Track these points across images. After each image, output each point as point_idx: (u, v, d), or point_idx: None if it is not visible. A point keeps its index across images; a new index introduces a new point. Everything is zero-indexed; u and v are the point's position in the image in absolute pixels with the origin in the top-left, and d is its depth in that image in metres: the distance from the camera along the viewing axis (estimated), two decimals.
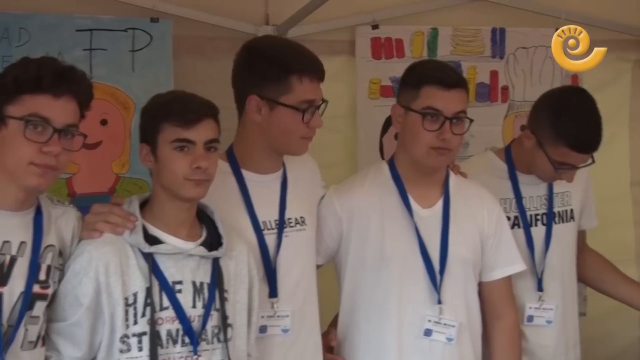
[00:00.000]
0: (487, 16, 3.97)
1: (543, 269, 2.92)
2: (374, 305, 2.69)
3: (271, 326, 2.52)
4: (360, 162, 3.76)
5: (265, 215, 2.55)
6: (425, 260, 2.67)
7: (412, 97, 2.64)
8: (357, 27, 3.88)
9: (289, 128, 2.47)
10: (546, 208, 2.97)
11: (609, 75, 4.16)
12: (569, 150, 2.80)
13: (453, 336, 2.66)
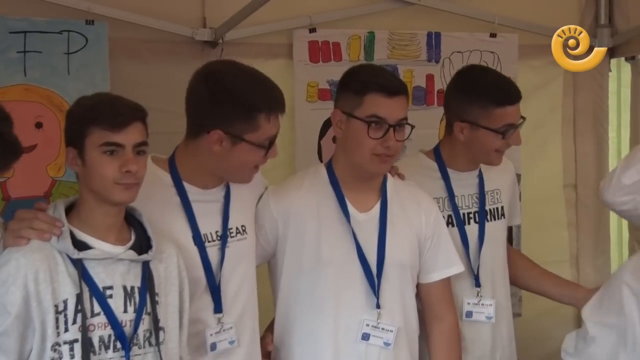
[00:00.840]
0: (422, 21, 4.01)
1: (478, 265, 2.96)
2: (310, 310, 2.69)
3: (220, 341, 2.51)
4: (298, 164, 3.77)
5: (206, 227, 2.53)
6: (362, 264, 2.68)
7: (356, 103, 2.64)
8: (295, 30, 3.88)
9: (248, 161, 2.48)
10: (478, 206, 3.01)
11: (541, 79, 4.25)
12: (501, 109, 2.89)
13: (390, 341, 2.67)
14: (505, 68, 4.02)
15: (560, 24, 4.23)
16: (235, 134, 2.41)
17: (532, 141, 3.99)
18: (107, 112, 2.19)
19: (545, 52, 4.27)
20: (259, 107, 2.42)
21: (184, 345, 2.38)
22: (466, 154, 2.98)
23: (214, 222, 2.54)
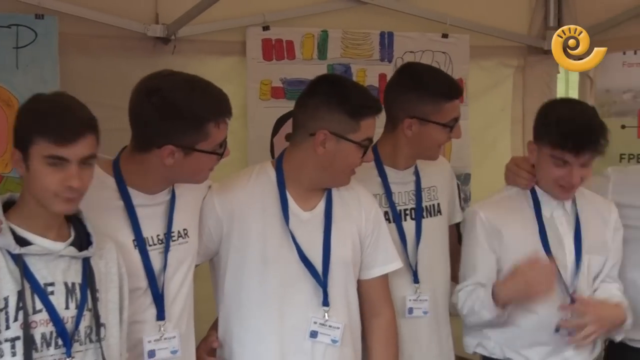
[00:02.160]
0: (376, 20, 4.03)
1: (417, 262, 2.98)
2: (256, 309, 2.69)
3: (160, 350, 2.49)
4: (251, 162, 3.73)
5: (149, 231, 2.51)
6: (306, 263, 2.68)
7: (352, 128, 2.65)
8: (248, 28, 3.86)
9: (202, 168, 2.48)
10: (415, 203, 3.03)
11: (492, 80, 4.30)
12: (450, 102, 2.94)
13: (338, 338, 2.69)
14: (456, 68, 4.06)
15: (511, 26, 4.34)
16: (187, 146, 2.41)
17: (483, 140, 4.04)
18: (55, 124, 2.13)
19: (495, 53, 4.36)
20: (207, 117, 2.41)
21: (123, 341, 2.35)
22: (408, 150, 3.01)
23: (156, 226, 2.53)
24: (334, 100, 2.67)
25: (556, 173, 2.85)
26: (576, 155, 2.80)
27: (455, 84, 3.04)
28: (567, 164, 2.83)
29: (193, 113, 2.40)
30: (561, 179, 2.85)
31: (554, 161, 2.85)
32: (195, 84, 2.49)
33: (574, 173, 2.83)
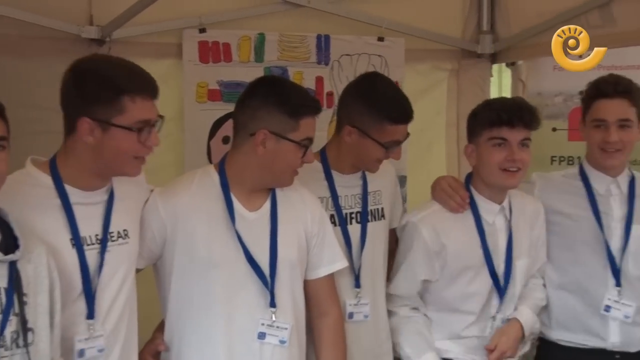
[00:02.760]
0: (312, 23, 4.04)
1: (360, 265, 3.01)
2: (203, 311, 2.68)
3: (88, 348, 2.45)
4: (188, 165, 3.74)
5: (86, 230, 2.47)
6: (253, 264, 2.68)
7: (291, 127, 2.67)
8: (185, 30, 3.85)
9: (124, 149, 2.40)
10: (360, 207, 3.05)
11: (426, 83, 4.34)
12: (394, 126, 2.94)
13: (286, 338, 2.69)
14: (392, 71, 4.09)
15: (445, 30, 4.39)
16: (102, 119, 2.36)
17: (418, 144, 4.07)
18: None
19: (430, 57, 4.41)
20: (121, 87, 2.36)
21: (55, 345, 2.30)
22: (349, 157, 3.03)
23: (94, 225, 2.48)
24: (273, 100, 2.68)
25: (497, 156, 2.93)
26: (511, 128, 2.90)
27: (406, 111, 3.00)
28: (506, 143, 2.91)
29: (107, 83, 2.37)
30: (504, 161, 2.92)
31: (493, 144, 2.93)
32: (117, 59, 2.49)
33: (514, 150, 2.91)
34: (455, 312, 3.02)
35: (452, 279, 3.00)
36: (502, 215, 3.04)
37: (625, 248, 3.12)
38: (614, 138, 3.06)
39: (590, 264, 3.14)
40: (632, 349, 3.15)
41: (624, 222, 3.14)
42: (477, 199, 3.02)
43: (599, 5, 3.86)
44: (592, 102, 3.13)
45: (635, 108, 3.10)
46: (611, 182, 3.17)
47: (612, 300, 3.11)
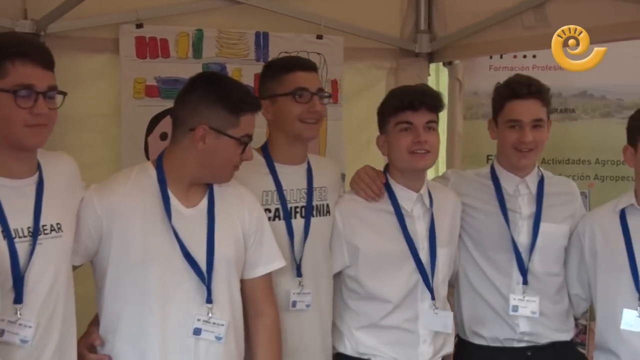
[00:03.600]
0: (251, 20, 4.03)
1: (301, 257, 3.01)
2: (138, 306, 2.66)
3: (9, 332, 2.41)
4: (124, 162, 3.69)
5: (17, 222, 2.43)
6: (189, 260, 2.67)
7: (231, 123, 2.68)
8: (121, 25, 3.80)
9: (11, 118, 2.38)
10: (305, 201, 3.06)
11: (365, 82, 4.36)
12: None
13: (222, 335, 2.69)
14: (331, 70, 4.11)
15: (384, 29, 4.41)
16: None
17: (357, 141, 4.09)
18: None
19: (369, 55, 4.43)
20: (1, 51, 2.37)
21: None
22: (282, 142, 3.06)
23: (25, 218, 2.46)
24: (213, 96, 2.69)
25: (405, 140, 3.02)
26: (415, 111, 3.01)
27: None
28: (412, 127, 3.01)
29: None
30: (411, 144, 3.01)
31: (400, 129, 3.03)
32: (12, 32, 2.49)
33: (420, 133, 3.00)
34: (374, 300, 3.06)
35: (371, 266, 3.05)
36: (420, 203, 3.08)
37: (533, 245, 3.20)
38: (529, 138, 3.15)
39: (498, 260, 3.22)
40: (542, 341, 3.24)
41: (532, 220, 3.23)
42: (394, 188, 3.10)
43: (533, 7, 3.93)
44: (506, 102, 3.21)
45: (546, 108, 3.21)
46: (520, 182, 3.26)
47: (518, 299, 3.20)
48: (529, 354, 3.23)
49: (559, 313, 3.28)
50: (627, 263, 3.12)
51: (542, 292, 3.22)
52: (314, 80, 3.05)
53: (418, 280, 3.07)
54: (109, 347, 2.71)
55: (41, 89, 2.40)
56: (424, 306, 3.07)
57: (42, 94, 2.41)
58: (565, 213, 3.31)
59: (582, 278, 3.31)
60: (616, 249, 3.16)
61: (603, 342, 3.22)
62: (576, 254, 3.30)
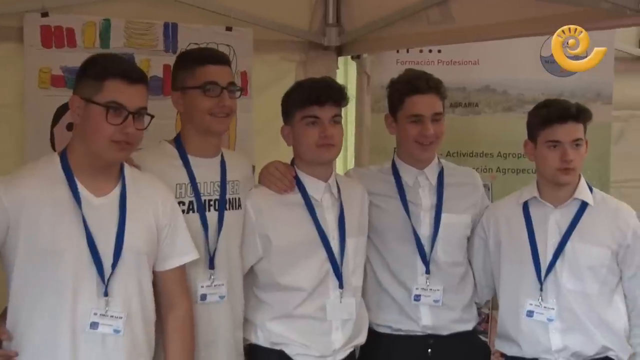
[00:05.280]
0: (160, 11, 3.98)
1: (215, 249, 3.01)
2: (47, 298, 2.63)
3: None
4: (29, 153, 3.60)
5: None
6: (92, 251, 2.65)
7: (95, 90, 2.63)
8: (26, 13, 3.70)
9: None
10: (219, 194, 3.06)
11: (274, 75, 4.37)
12: (202, 68, 3.01)
13: (120, 328, 2.67)
14: (240, 61, 4.10)
15: (293, 21, 4.42)
16: None
17: (266, 133, 4.08)
18: None
19: (278, 48, 4.44)
20: None
21: None
22: (190, 127, 3.06)
23: None
24: (83, 67, 2.71)
25: (312, 134, 3.07)
26: (321, 106, 3.06)
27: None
28: (318, 121, 3.06)
29: None
30: (318, 138, 3.06)
31: (306, 123, 3.08)
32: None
33: (326, 127, 3.06)
34: (287, 290, 3.09)
35: (284, 256, 3.09)
36: (329, 193, 3.14)
37: (435, 236, 3.27)
38: (431, 131, 3.24)
39: (401, 251, 3.30)
40: (443, 332, 3.32)
41: (434, 211, 3.32)
42: (303, 179, 3.15)
43: (437, 3, 4.00)
44: (405, 98, 3.30)
45: (442, 102, 3.31)
46: (419, 174, 3.35)
47: (421, 289, 3.29)
48: (431, 341, 3.31)
49: (461, 304, 3.37)
50: (530, 253, 3.22)
51: (445, 282, 3.30)
52: (224, 74, 3.04)
53: (328, 270, 3.10)
54: (16, 341, 2.66)
55: None
56: (333, 294, 3.11)
57: None
58: (466, 203, 3.40)
59: (486, 267, 3.40)
60: (519, 240, 3.26)
61: (505, 331, 3.31)
62: (481, 244, 3.39)
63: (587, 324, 3.17)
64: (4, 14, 3.66)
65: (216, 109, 2.99)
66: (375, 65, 4.64)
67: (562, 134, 3.16)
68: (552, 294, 3.19)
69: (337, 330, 3.13)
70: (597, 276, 3.18)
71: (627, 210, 3.28)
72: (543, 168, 3.24)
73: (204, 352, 2.99)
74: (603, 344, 3.18)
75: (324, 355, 3.11)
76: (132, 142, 2.66)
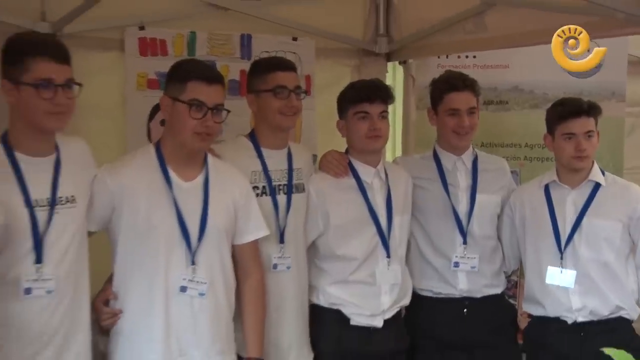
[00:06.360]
0: (237, 24, 4.00)
1: (285, 227, 3.04)
2: (145, 266, 2.69)
3: (35, 288, 2.43)
4: (129, 145, 3.67)
5: (37, 193, 2.45)
6: (182, 228, 2.68)
7: (179, 90, 2.66)
8: (126, 28, 3.77)
9: (35, 106, 2.39)
10: (287, 180, 3.06)
11: (332, 77, 4.35)
12: (268, 74, 3.01)
13: (205, 291, 2.70)
14: (304, 67, 4.11)
15: (349, 32, 4.41)
16: (10, 77, 2.38)
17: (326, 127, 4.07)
18: None
19: (336, 55, 4.44)
20: (24, 50, 2.39)
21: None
22: (264, 125, 3.06)
23: (44, 190, 2.47)
24: (170, 72, 2.75)
25: (362, 127, 3.08)
26: (371, 103, 3.07)
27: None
28: (368, 116, 3.06)
29: (11, 47, 2.41)
30: (368, 130, 3.07)
31: (358, 117, 3.08)
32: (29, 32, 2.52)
33: (375, 121, 3.05)
34: (343, 260, 3.09)
35: (340, 231, 3.09)
36: (378, 177, 3.12)
37: (471, 212, 3.25)
38: (467, 123, 3.23)
39: (442, 226, 3.29)
40: (477, 295, 3.30)
41: (469, 191, 3.30)
42: (355, 165, 3.14)
43: (473, 15, 3.95)
44: (444, 95, 3.26)
45: (476, 98, 3.29)
46: (457, 159, 3.34)
47: (459, 257, 3.27)
48: (466, 303, 3.30)
49: (492, 271, 3.35)
50: (551, 228, 3.19)
51: (480, 252, 3.28)
52: (292, 79, 3.04)
53: (378, 242, 3.10)
54: (120, 301, 2.72)
55: (60, 82, 2.39)
56: (382, 263, 3.11)
57: (61, 86, 2.39)
58: (496, 186, 3.38)
59: (513, 241, 3.37)
60: (542, 217, 3.23)
61: (531, 294, 3.29)
62: (508, 222, 3.36)
63: (602, 287, 3.14)
64: (109, 28, 3.72)
65: (285, 109, 3.01)
66: (419, 69, 4.61)
67: (576, 127, 3.12)
68: (570, 262, 3.16)
69: (386, 294, 3.14)
70: (612, 246, 3.14)
71: (635, 188, 3.24)
72: (560, 157, 3.20)
73: (275, 313, 3.01)
74: (616, 304, 3.14)
75: (374, 314, 3.12)
76: (211, 133, 2.69)
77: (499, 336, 3.35)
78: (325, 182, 3.14)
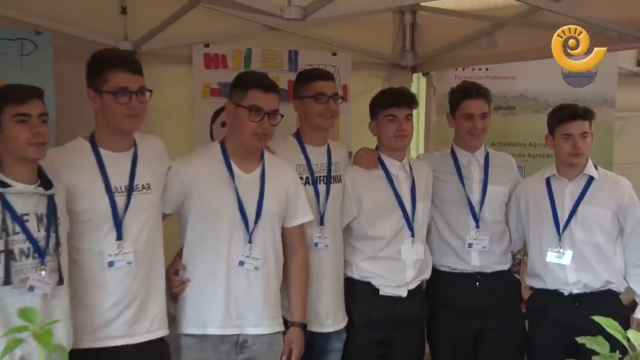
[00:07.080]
0: (286, 41, 4.05)
1: (324, 211, 3.07)
2: (210, 243, 2.75)
3: (118, 261, 2.50)
4: (196, 143, 3.74)
5: (117, 182, 2.52)
6: (242, 212, 2.74)
7: (241, 97, 2.72)
8: (194, 45, 3.86)
9: (113, 112, 2.47)
10: (326, 172, 3.12)
11: (365, 86, 4.35)
12: (309, 83, 3.06)
13: (259, 266, 2.75)
14: (342, 78, 4.15)
15: (380, 48, 4.42)
16: (94, 87, 2.46)
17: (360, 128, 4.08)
18: (18, 93, 2.24)
19: (369, 68, 4.46)
20: (104, 63, 2.47)
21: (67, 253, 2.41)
22: (307, 125, 3.09)
23: (123, 179, 2.54)
24: (233, 82, 2.79)
25: (391, 127, 3.11)
26: (398, 107, 3.09)
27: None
28: (396, 119, 3.09)
29: (94, 62, 2.49)
30: (396, 130, 3.10)
31: (387, 120, 3.11)
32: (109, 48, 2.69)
33: (402, 123, 3.09)
34: (373, 239, 3.11)
35: (371, 214, 3.12)
36: (403, 170, 3.14)
37: (482, 201, 3.25)
38: (480, 126, 3.24)
39: (458, 212, 3.30)
40: (487, 270, 3.31)
41: (482, 183, 3.31)
42: (384, 159, 3.18)
43: (485, 34, 3.96)
44: (461, 101, 3.26)
45: (488, 104, 3.29)
46: (471, 156, 3.35)
47: (472, 238, 3.28)
48: (478, 277, 3.31)
49: (500, 250, 3.36)
50: (551, 215, 3.19)
51: (490, 235, 3.28)
52: (330, 87, 3.08)
53: (403, 224, 3.12)
54: (189, 271, 2.79)
55: (134, 89, 2.45)
56: (407, 242, 3.13)
57: (135, 93, 2.46)
58: (504, 179, 3.39)
59: (518, 226, 3.37)
60: (543, 205, 3.23)
61: (533, 270, 3.29)
62: (515, 209, 3.37)
63: (594, 264, 3.16)
64: (179, 46, 3.82)
65: (325, 112, 3.05)
66: (439, 80, 4.60)
67: (573, 129, 3.13)
68: (567, 243, 3.16)
69: (410, 268, 3.17)
70: (603, 230, 3.16)
71: (623, 181, 3.25)
72: (559, 154, 3.21)
73: (315, 285, 3.01)
74: (606, 278, 3.16)
75: (400, 286, 3.15)
76: (267, 134, 2.74)
77: (506, 306, 3.36)
78: (358, 174, 3.18)
